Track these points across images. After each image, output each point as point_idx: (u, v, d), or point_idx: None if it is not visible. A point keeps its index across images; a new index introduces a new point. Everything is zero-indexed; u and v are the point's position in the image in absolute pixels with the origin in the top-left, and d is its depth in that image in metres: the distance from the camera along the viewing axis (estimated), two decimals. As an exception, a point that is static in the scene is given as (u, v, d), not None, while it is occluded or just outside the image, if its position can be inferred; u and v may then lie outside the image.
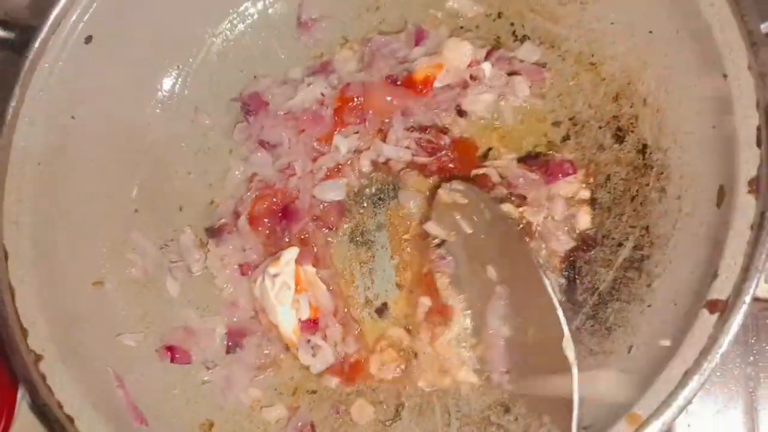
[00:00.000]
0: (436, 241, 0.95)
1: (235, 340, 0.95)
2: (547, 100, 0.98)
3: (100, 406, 0.81)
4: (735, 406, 0.98)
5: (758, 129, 0.72)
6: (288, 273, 0.93)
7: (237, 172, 1.01)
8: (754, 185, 0.71)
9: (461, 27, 1.02)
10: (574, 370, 0.77)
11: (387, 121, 0.97)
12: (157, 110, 1.02)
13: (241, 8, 1.04)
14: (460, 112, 0.98)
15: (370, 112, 0.96)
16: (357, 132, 0.98)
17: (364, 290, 0.96)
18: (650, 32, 0.90)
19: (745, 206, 0.72)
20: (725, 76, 0.77)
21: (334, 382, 0.92)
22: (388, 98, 0.96)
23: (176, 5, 0.99)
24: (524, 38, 1.00)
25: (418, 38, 0.98)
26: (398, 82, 0.96)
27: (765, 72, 0.73)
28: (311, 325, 0.93)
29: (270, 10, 1.05)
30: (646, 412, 0.68)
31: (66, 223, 0.92)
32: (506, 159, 0.97)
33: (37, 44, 0.89)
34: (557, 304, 0.81)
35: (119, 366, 0.89)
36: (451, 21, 1.02)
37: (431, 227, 0.95)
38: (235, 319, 0.96)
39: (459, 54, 0.94)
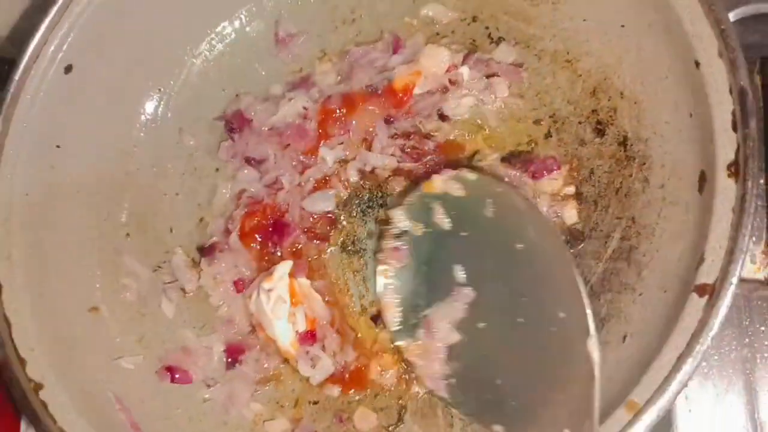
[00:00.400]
0: (396, 230, 0.93)
1: (233, 356, 0.96)
2: (527, 99, 0.99)
3: (103, 431, 0.82)
4: (734, 389, 0.99)
5: (733, 114, 0.74)
6: (282, 287, 0.93)
7: (224, 191, 1.02)
8: (733, 168, 0.72)
9: (437, 33, 1.04)
10: (597, 372, 0.72)
11: (371, 130, 0.98)
12: (142, 134, 1.03)
13: (219, 28, 1.05)
14: (443, 117, 0.99)
15: (354, 122, 0.98)
16: (342, 143, 0.99)
17: (359, 299, 0.97)
18: (622, 26, 0.92)
19: (726, 190, 0.73)
20: (698, 64, 0.78)
21: (335, 391, 0.92)
22: (370, 108, 0.97)
23: (154, 29, 1.00)
24: (500, 40, 1.01)
25: (396, 47, 0.99)
26: (379, 92, 0.97)
27: (735, 58, 0.74)
28: (309, 336, 0.94)
29: (247, 29, 1.06)
30: (643, 398, 0.69)
31: (57, 252, 0.93)
32: (491, 159, 0.99)
33: (17, 77, 0.90)
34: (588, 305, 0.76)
35: (120, 389, 0.89)
36: (426, 28, 1.04)
37: (396, 215, 0.93)
38: (232, 336, 0.97)
39: (437, 60, 0.96)
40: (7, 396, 0.83)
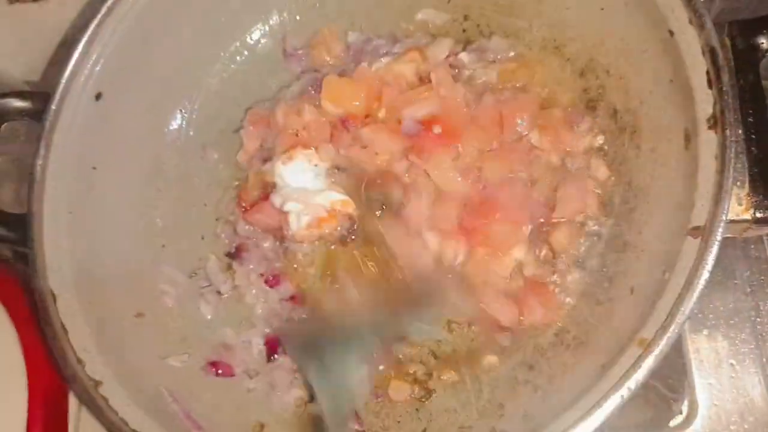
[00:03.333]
0: None
1: (272, 348, 1.02)
2: (522, 84, 1.07)
3: (160, 420, 0.88)
4: (741, 337, 1.06)
5: (707, 73, 0.81)
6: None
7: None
8: (712, 121, 0.79)
9: (433, 35, 1.12)
10: None
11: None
12: (168, 152, 1.11)
13: (232, 49, 1.14)
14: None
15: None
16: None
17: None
18: (602, 9, 0.99)
19: (708, 141, 0.80)
20: (671, 33, 0.86)
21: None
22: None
23: (173, 55, 1.08)
24: (491, 35, 1.10)
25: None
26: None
27: (703, 23, 0.82)
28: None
29: (258, 47, 1.15)
30: (652, 333, 0.75)
31: (101, 263, 1.00)
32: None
33: (54, 106, 0.98)
34: None
35: (171, 384, 0.95)
36: (422, 31, 1.12)
37: None
38: (268, 330, 1.04)
39: (441, 46, 1.05)
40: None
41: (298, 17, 1.15)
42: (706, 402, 1.02)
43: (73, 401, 0.99)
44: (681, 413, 1.03)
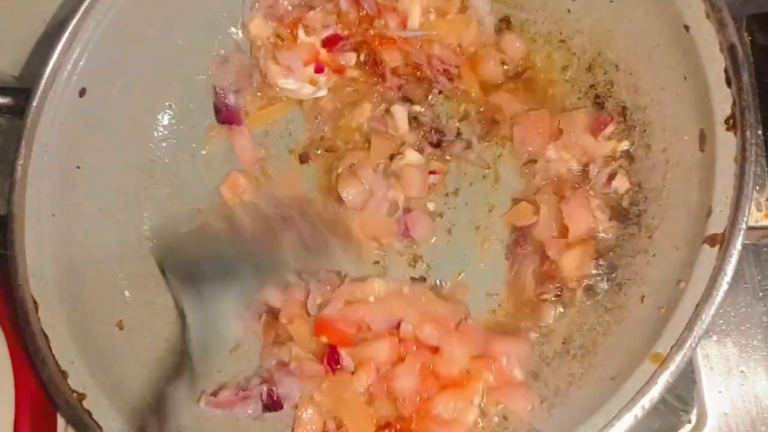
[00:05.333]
0: None
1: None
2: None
3: (146, 434, 0.84)
4: (753, 343, 1.02)
5: (725, 70, 0.77)
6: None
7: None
8: (731, 122, 0.75)
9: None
10: None
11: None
12: (157, 150, 1.06)
13: (222, 42, 1.09)
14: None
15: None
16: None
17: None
18: (611, 1, 0.95)
19: (726, 143, 0.76)
20: (687, 27, 0.81)
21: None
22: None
23: (160, 50, 1.03)
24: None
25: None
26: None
27: (722, 17, 0.77)
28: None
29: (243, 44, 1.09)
30: (666, 348, 0.71)
31: (85, 269, 0.95)
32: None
33: (35, 103, 0.93)
34: None
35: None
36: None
37: None
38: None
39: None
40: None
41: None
42: (716, 411, 0.98)
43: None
44: (690, 423, 0.99)
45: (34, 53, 1.08)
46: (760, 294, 1.02)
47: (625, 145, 0.93)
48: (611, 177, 0.92)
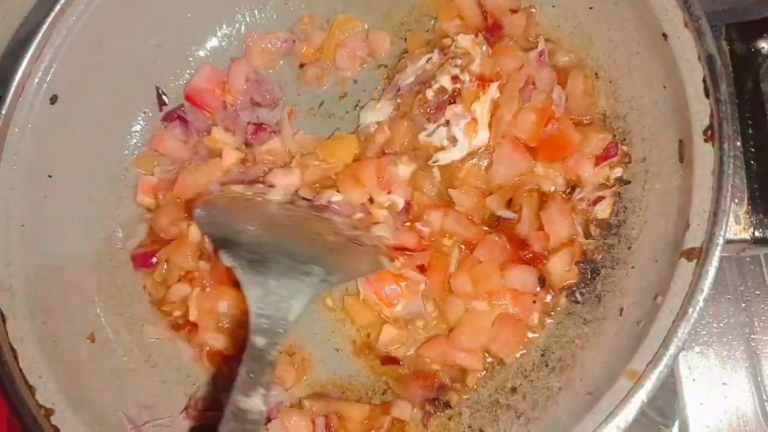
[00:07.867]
0: None
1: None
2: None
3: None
4: (735, 354, 1.00)
5: (704, 80, 0.76)
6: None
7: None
8: (709, 133, 0.74)
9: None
10: None
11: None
12: (131, 158, 1.04)
13: (195, 49, 1.07)
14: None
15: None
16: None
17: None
18: (591, 8, 0.94)
19: (704, 155, 0.74)
20: (665, 36, 0.80)
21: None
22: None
23: (132, 57, 1.02)
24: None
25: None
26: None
27: (700, 26, 0.76)
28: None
29: (221, 48, 1.08)
30: (642, 365, 0.70)
31: (56, 280, 0.94)
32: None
33: (4, 111, 0.91)
34: None
35: (130, 410, 0.90)
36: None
37: None
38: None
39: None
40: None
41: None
42: (698, 424, 0.97)
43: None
44: (671, 435, 0.98)
45: (3, 60, 1.06)
46: (743, 305, 1.01)
47: (617, 172, 0.91)
48: (597, 201, 0.91)
